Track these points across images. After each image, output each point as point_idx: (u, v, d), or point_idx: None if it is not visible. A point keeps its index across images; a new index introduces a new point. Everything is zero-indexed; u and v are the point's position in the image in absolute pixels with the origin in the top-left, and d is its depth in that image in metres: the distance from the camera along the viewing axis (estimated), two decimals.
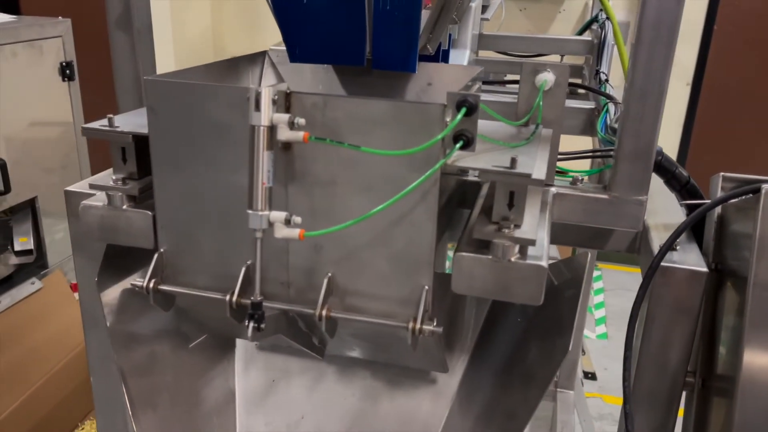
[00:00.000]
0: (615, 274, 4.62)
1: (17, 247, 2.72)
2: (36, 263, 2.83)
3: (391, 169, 0.71)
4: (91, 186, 0.85)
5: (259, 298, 0.71)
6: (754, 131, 4.50)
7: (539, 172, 0.70)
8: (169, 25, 4.61)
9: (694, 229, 1.02)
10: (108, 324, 0.93)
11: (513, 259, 0.72)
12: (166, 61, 4.77)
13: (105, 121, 0.82)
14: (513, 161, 0.70)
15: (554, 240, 1.05)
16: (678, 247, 0.95)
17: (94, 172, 3.19)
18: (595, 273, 4.70)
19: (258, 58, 1.04)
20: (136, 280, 0.80)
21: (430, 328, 0.73)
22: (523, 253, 0.73)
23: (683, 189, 1.04)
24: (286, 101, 0.70)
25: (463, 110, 0.67)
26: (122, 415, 1.23)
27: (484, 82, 1.76)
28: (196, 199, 0.78)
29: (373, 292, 0.77)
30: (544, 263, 0.72)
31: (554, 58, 2.16)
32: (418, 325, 0.73)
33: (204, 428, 1.01)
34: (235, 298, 0.76)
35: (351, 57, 0.88)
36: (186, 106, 0.74)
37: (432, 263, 0.74)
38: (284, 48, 0.90)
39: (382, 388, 1.02)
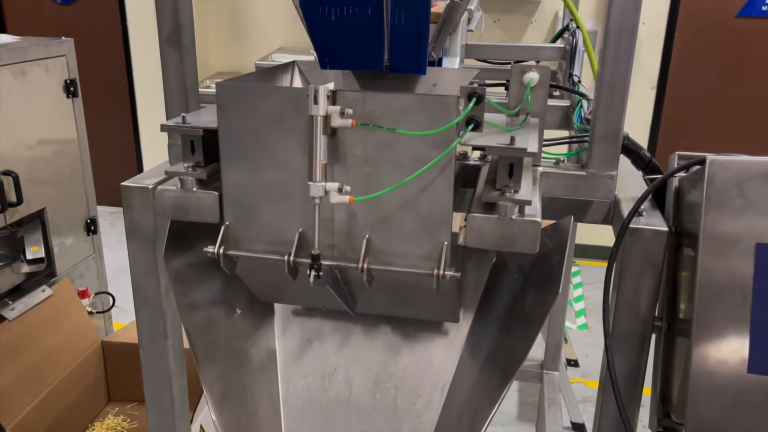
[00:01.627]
0: (592, 269, 4.87)
1: (29, 256, 2.86)
2: (44, 272, 2.96)
3: (416, 149, 0.91)
4: (167, 173, 1.03)
5: (317, 251, 0.89)
6: (714, 130, 4.80)
7: (532, 147, 0.90)
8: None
9: (658, 200, 1.23)
10: (173, 290, 1.10)
11: (514, 216, 0.91)
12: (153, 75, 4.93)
13: (179, 119, 1.01)
14: (512, 139, 0.89)
15: (544, 216, 1.25)
16: (644, 213, 1.15)
17: (97, 185, 3.34)
18: (574, 269, 4.94)
19: (288, 67, 1.23)
20: (208, 247, 0.98)
21: (451, 273, 0.92)
22: (521, 212, 0.93)
23: (647, 167, 1.25)
24: (333, 97, 0.88)
25: (474, 100, 0.86)
26: (168, 386, 1.40)
27: None
28: (256, 179, 0.96)
29: (403, 250, 0.96)
30: (539, 219, 0.92)
31: (530, 64, 2.39)
32: (441, 272, 0.92)
33: (252, 381, 1.19)
34: (292, 258, 0.95)
35: (372, 63, 1.08)
36: (249, 104, 0.92)
37: (450, 223, 0.93)
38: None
39: (402, 342, 1.21)
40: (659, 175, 1.22)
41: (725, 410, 0.98)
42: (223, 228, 0.99)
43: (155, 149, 5.11)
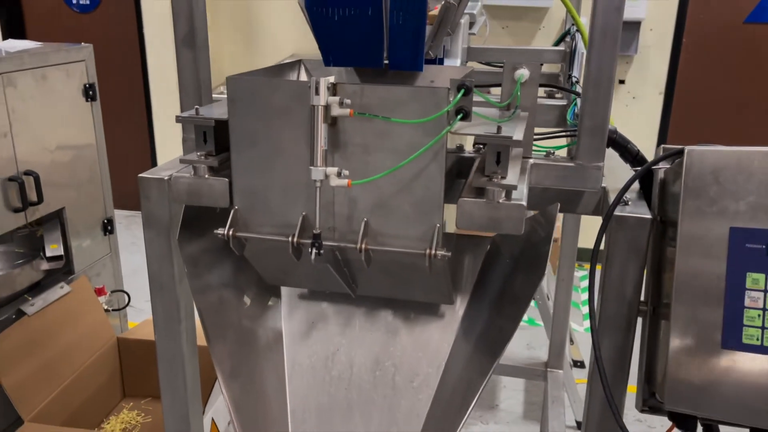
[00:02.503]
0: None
1: (48, 254, 2.96)
2: (62, 270, 3.06)
3: (410, 138, 0.98)
4: (182, 161, 1.11)
5: (318, 231, 0.97)
6: (722, 135, 4.84)
7: (518, 136, 0.97)
8: (170, 51, 4.90)
9: (645, 192, 1.29)
10: (187, 273, 1.18)
11: (501, 200, 0.99)
12: (167, 81, 5.05)
13: (193, 112, 1.09)
14: (499, 128, 0.97)
15: (537, 206, 1.32)
16: (630, 203, 1.22)
17: (114, 186, 3.44)
18: (582, 272, 4.98)
19: (295, 65, 1.31)
20: (218, 229, 1.06)
21: (442, 252, 0.99)
22: (508, 196, 1.00)
23: (634, 160, 1.31)
24: (333, 89, 0.96)
25: (462, 91, 0.94)
26: (182, 369, 1.47)
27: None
28: (263, 166, 1.04)
29: (398, 232, 1.03)
30: (524, 203, 0.99)
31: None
32: (433, 251, 0.99)
33: (260, 359, 1.26)
34: (295, 239, 1.02)
35: (372, 61, 1.15)
36: (257, 97, 1.00)
37: (442, 207, 1.01)
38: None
39: (401, 324, 1.28)
40: (644, 167, 1.28)
41: (702, 384, 1.04)
42: (232, 212, 1.07)
43: (170, 153, 5.22)
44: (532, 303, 4.35)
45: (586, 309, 4.57)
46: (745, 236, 1.02)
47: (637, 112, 4.77)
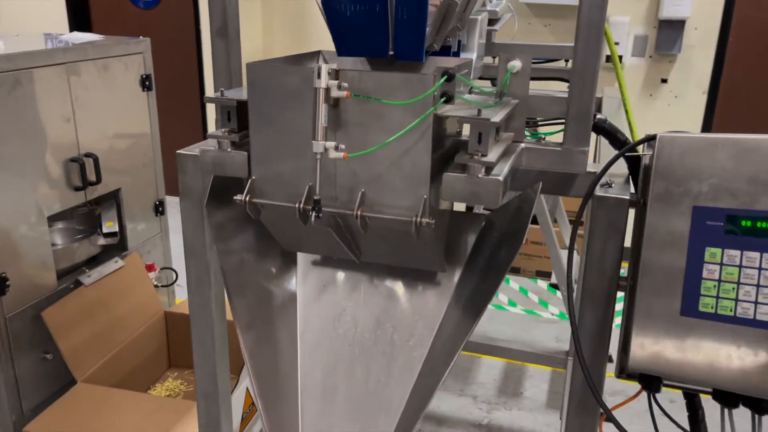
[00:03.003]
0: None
1: (105, 230, 3.22)
2: (117, 246, 3.32)
3: (401, 118, 1.12)
4: (209, 136, 1.28)
5: (318, 197, 1.12)
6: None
7: (495, 119, 1.10)
8: None
9: (633, 177, 1.39)
10: (213, 237, 1.36)
11: (480, 175, 1.11)
12: None
13: (218, 93, 1.26)
14: (479, 111, 1.10)
15: (526, 187, 1.44)
16: (613, 185, 1.32)
17: (166, 173, 3.67)
18: None
19: (314, 54, 1.47)
20: (237, 196, 1.23)
21: (427, 220, 1.13)
22: (488, 172, 1.13)
23: (622, 146, 1.41)
24: (336, 75, 1.11)
25: (445, 77, 1.07)
26: (211, 329, 1.65)
27: None
28: (277, 142, 1.20)
29: (391, 202, 1.18)
30: (501, 178, 1.12)
31: (561, 63, 2.56)
32: (419, 219, 1.13)
33: (275, 318, 1.43)
34: (301, 205, 1.18)
35: (378, 51, 1.30)
36: (273, 80, 1.16)
37: (428, 180, 1.14)
38: None
39: (401, 290, 1.43)
40: (631, 153, 1.38)
41: (662, 348, 1.14)
42: (249, 181, 1.24)
43: None
44: (558, 294, 4.40)
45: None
46: (706, 214, 1.11)
47: (679, 111, 4.75)
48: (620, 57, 4.73)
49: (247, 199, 1.22)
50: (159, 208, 3.57)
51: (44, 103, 2.71)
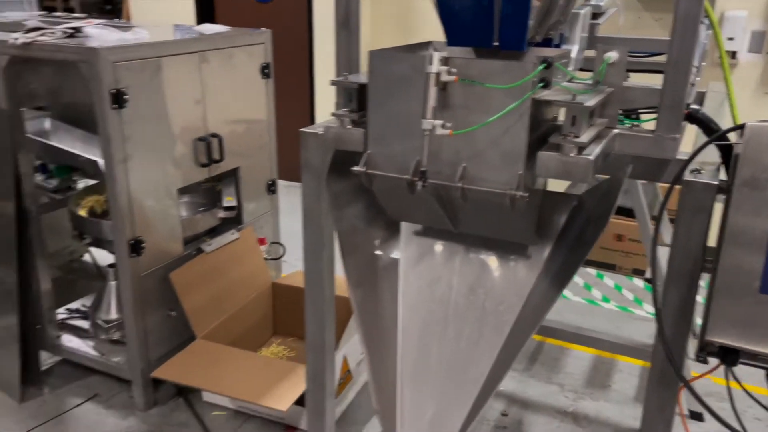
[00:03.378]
0: None
1: (225, 204, 3.55)
2: (234, 219, 3.64)
3: (502, 101, 1.26)
4: (333, 114, 1.48)
5: (425, 168, 1.29)
6: None
7: (589, 103, 1.21)
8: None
9: (726, 165, 1.45)
10: (330, 205, 1.56)
11: (572, 154, 1.23)
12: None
13: (342, 78, 1.45)
14: (573, 96, 1.22)
15: (617, 171, 1.53)
16: (703, 171, 1.40)
17: (280, 154, 3.95)
18: None
19: (426, 44, 1.63)
20: (355, 168, 1.41)
21: (521, 193, 1.26)
22: (579, 152, 1.24)
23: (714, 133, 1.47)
24: (445, 62, 1.26)
25: (544, 65, 1.20)
26: (321, 284, 1.85)
27: None
28: (391, 121, 1.37)
29: (489, 177, 1.32)
30: (591, 158, 1.23)
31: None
32: (514, 192, 1.27)
33: (380, 279, 1.61)
34: (409, 176, 1.35)
35: (484, 41, 1.44)
36: (390, 66, 1.33)
37: (524, 158, 1.28)
38: None
39: (495, 261, 1.56)
40: (724, 142, 1.44)
41: (741, 321, 1.21)
42: (365, 155, 1.42)
43: None
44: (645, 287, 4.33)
45: None
46: None
47: None
48: (734, 53, 4.57)
49: (364, 170, 1.40)
50: (271, 188, 3.86)
51: (179, 86, 3.03)
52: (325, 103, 5.73)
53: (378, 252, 1.63)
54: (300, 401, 2.97)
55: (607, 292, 4.65)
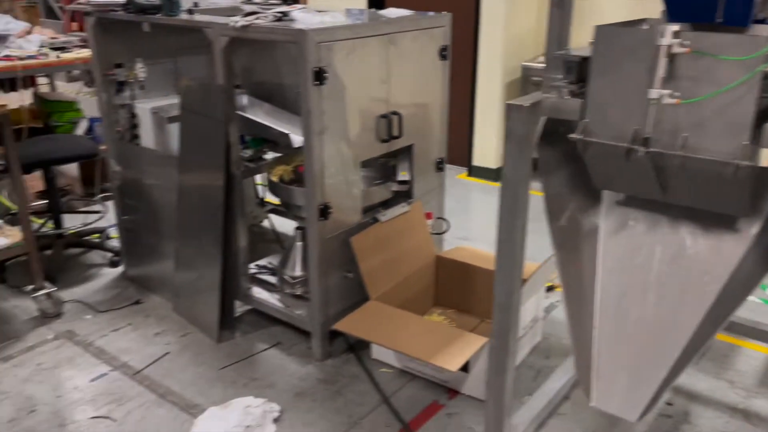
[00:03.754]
0: None
1: (399, 178, 3.77)
2: (405, 194, 3.85)
3: (730, 74, 1.31)
4: (550, 86, 1.60)
5: (648, 135, 1.37)
6: None
7: None
8: (502, 21, 5.51)
9: None
10: (540, 168, 1.68)
11: None
12: (494, 50, 5.68)
13: (564, 52, 1.57)
14: None
15: None
16: None
17: (451, 131, 4.10)
18: None
19: (640, 21, 1.70)
20: (572, 134, 1.52)
21: (746, 162, 1.31)
22: None
23: None
24: (676, 34, 1.33)
25: None
26: (513, 249, 1.97)
27: None
28: (612, 90, 1.46)
29: (712, 147, 1.37)
30: None
31: None
32: (738, 161, 1.32)
33: (581, 243, 1.71)
34: (628, 144, 1.44)
35: (707, 17, 1.48)
36: (617, 39, 1.43)
37: (750, 128, 1.31)
38: None
39: (700, 232, 1.61)
40: None
41: None
42: (583, 123, 1.52)
43: (485, 116, 5.91)
44: None
45: None
46: None
47: None
48: None
49: (581, 137, 1.50)
50: (440, 165, 4.03)
51: (369, 66, 3.28)
52: (487, 82, 5.82)
53: (580, 217, 1.73)
54: (464, 368, 3.13)
55: None
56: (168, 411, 3.09)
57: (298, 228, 3.71)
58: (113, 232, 4.65)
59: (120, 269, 4.40)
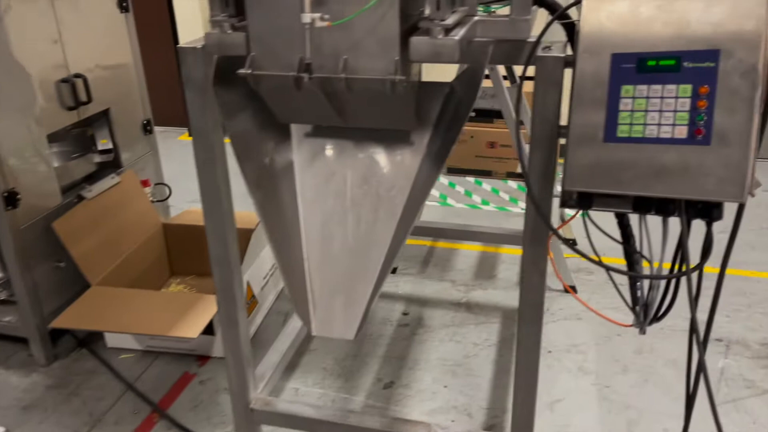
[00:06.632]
0: None
1: (100, 147, 3.43)
2: (112, 164, 3.53)
3: None
4: (211, 21, 1.51)
5: (309, 60, 1.37)
6: None
7: None
8: None
9: (571, 42, 1.65)
10: (221, 112, 1.61)
11: (440, 37, 1.37)
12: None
13: None
14: None
15: (479, 58, 1.70)
16: (552, 48, 1.59)
17: (160, 91, 3.80)
18: None
19: None
20: (240, 70, 1.47)
21: (400, 77, 1.39)
22: (446, 33, 1.38)
23: (561, 16, 1.67)
24: None
25: None
26: (219, 199, 1.90)
27: None
28: (270, 19, 1.43)
29: (369, 65, 1.43)
30: (457, 38, 1.38)
31: None
32: (393, 77, 1.39)
33: (278, 180, 1.70)
34: (295, 72, 1.43)
35: None
36: None
37: (398, 44, 1.40)
38: None
39: (382, 151, 1.70)
40: (569, 21, 1.64)
41: (591, 168, 1.43)
42: (249, 57, 1.48)
43: None
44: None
45: None
46: (622, 59, 1.39)
47: None
48: None
49: (249, 72, 1.46)
50: (147, 127, 3.76)
51: (30, 26, 2.85)
52: (191, 36, 5.54)
53: (272, 155, 1.71)
54: (210, 331, 3.04)
55: (486, 196, 5.01)
56: None
57: None
58: None
59: None
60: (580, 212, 1.56)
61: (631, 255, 1.63)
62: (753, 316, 3.48)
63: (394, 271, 4.03)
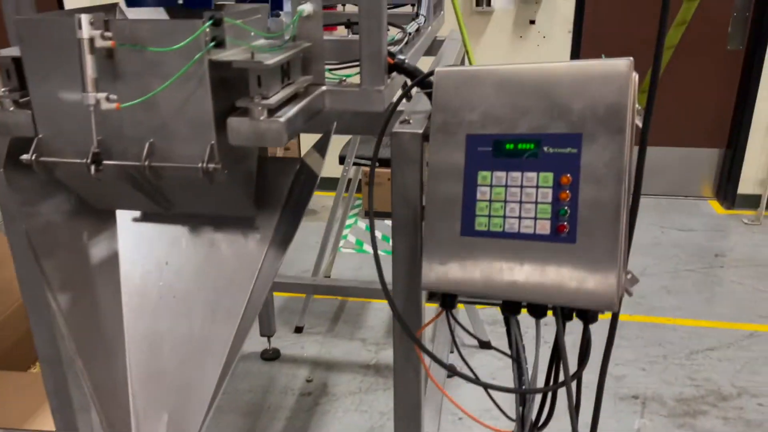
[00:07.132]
0: None
1: None
2: None
3: (178, 65, 1.13)
4: None
5: (97, 150, 1.12)
6: None
7: (270, 62, 1.12)
8: None
9: None
10: (19, 200, 1.33)
11: (262, 118, 1.15)
12: None
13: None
14: (252, 55, 1.12)
15: (342, 130, 1.49)
16: (411, 121, 1.39)
17: None
18: None
19: (112, 7, 1.44)
20: (23, 156, 1.20)
21: (213, 165, 1.16)
22: (270, 114, 1.16)
23: (421, 83, 1.48)
24: (104, 25, 1.10)
25: (211, 21, 1.09)
26: (43, 291, 1.62)
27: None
28: (57, 97, 1.18)
29: (180, 150, 1.19)
30: (283, 120, 1.15)
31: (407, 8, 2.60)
32: (205, 165, 1.16)
33: (95, 276, 1.43)
34: (88, 160, 1.18)
35: (167, 1, 1.29)
36: (42, 34, 1.14)
37: (213, 126, 1.16)
38: None
39: (222, 237, 1.45)
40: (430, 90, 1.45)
41: (449, 266, 1.23)
42: (36, 139, 1.21)
43: None
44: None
45: None
46: (477, 141, 1.20)
47: (547, 51, 4.94)
48: (490, 0, 4.84)
49: (34, 158, 1.20)
50: None
51: None
52: None
53: (89, 246, 1.44)
54: None
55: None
56: None
57: None
58: None
59: None
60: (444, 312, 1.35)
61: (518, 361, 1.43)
62: (669, 368, 3.37)
63: (300, 330, 3.76)
